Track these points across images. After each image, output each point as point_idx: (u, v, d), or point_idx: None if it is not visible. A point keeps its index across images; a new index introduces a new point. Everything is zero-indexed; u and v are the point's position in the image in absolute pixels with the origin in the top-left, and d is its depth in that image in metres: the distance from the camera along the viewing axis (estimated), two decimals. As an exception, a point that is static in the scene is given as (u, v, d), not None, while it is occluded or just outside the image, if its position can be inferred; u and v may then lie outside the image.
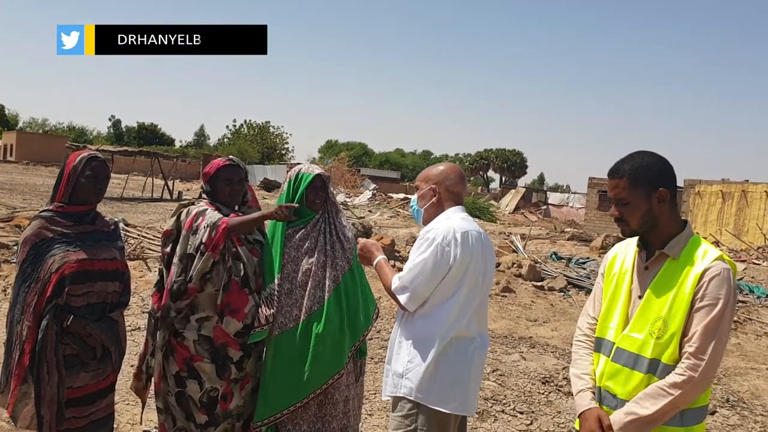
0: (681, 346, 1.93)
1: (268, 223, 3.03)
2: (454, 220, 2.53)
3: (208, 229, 2.76)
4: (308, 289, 2.87)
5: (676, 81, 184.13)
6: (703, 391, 1.94)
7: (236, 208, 3.00)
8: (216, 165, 2.98)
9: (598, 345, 2.16)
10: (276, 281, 2.86)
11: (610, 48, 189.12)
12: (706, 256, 1.96)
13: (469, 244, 2.46)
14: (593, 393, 2.12)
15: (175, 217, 2.94)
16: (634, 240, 2.17)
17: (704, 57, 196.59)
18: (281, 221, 2.89)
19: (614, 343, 2.07)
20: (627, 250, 2.19)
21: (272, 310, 2.83)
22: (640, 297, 2.05)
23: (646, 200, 2.02)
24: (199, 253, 2.79)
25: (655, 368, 1.95)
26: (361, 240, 2.78)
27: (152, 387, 3.01)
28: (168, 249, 2.92)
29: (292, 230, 2.96)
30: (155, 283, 3.04)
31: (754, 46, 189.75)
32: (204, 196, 3.02)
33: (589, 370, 2.17)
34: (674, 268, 1.99)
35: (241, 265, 2.86)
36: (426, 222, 2.63)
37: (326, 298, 2.87)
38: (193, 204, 2.96)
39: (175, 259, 2.84)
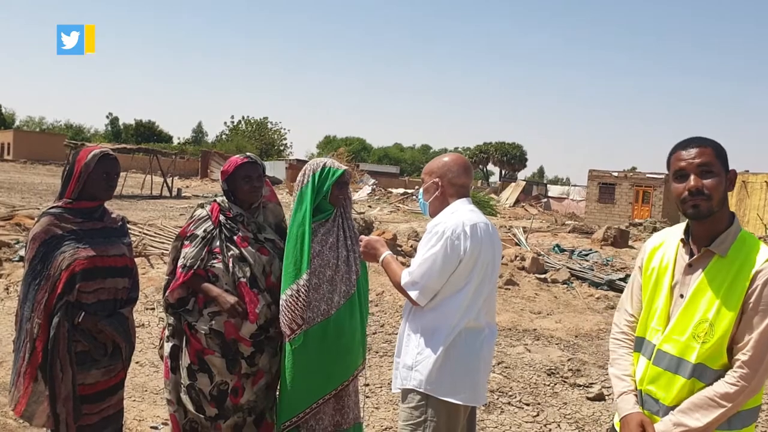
0: (730, 351, 1.83)
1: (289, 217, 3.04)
2: (462, 213, 2.52)
3: (180, 270, 2.84)
4: (335, 283, 2.88)
5: (676, 72, 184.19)
6: (753, 397, 1.83)
7: (253, 205, 2.97)
8: (234, 163, 2.95)
9: (639, 345, 2.04)
10: (305, 277, 2.81)
11: (609, 40, 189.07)
12: (758, 256, 1.82)
13: (478, 236, 2.46)
14: (636, 396, 2.00)
15: (188, 216, 3.02)
16: (674, 232, 2.02)
17: (704, 48, 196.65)
18: (231, 314, 2.81)
19: (655, 345, 1.95)
20: (667, 242, 2.02)
21: (299, 313, 2.79)
22: (682, 296, 1.91)
23: (725, 177, 1.86)
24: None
25: (700, 373, 1.85)
26: (365, 237, 2.78)
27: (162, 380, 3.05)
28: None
29: (316, 225, 2.92)
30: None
31: (753, 37, 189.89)
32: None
33: (630, 371, 2.05)
34: (722, 267, 1.84)
35: (247, 267, 2.85)
36: (433, 215, 2.62)
37: (352, 292, 2.90)
38: (203, 207, 3.00)
39: (169, 258, 2.96)
